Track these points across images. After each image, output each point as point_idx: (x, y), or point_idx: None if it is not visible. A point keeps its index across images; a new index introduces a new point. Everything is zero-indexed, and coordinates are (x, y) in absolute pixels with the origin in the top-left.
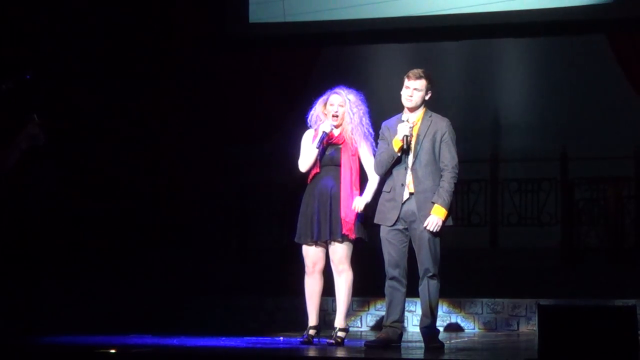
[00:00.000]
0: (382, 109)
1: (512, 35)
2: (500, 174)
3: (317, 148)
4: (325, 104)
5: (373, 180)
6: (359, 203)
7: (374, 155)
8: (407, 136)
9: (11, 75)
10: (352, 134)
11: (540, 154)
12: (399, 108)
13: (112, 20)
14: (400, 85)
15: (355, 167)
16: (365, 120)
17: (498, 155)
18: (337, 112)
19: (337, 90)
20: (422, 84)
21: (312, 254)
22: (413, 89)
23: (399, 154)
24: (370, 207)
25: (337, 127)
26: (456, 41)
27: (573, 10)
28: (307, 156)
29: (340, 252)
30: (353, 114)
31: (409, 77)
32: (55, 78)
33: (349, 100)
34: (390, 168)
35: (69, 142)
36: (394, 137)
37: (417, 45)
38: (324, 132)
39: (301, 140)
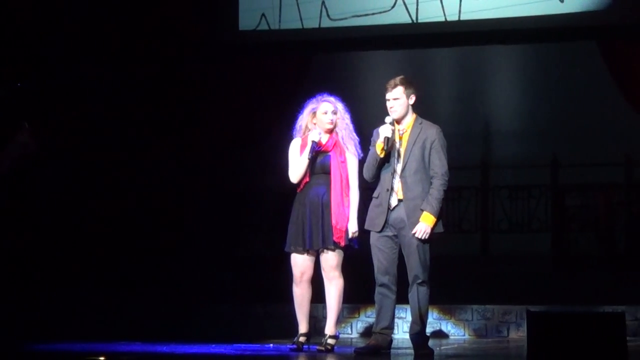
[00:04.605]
0: (372, 116)
1: (503, 42)
2: (491, 180)
3: (309, 158)
4: (314, 113)
5: (354, 194)
6: (353, 228)
7: (360, 161)
8: (388, 138)
9: (2, 83)
10: (342, 139)
11: (531, 160)
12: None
13: (103, 28)
14: None
15: (345, 173)
16: (352, 127)
17: (489, 162)
18: (332, 120)
19: (325, 98)
20: (399, 91)
21: (300, 263)
22: (393, 99)
23: (382, 157)
24: (361, 213)
25: (327, 131)
26: (447, 48)
27: (564, 17)
28: (297, 167)
29: (332, 260)
30: (343, 120)
31: (386, 90)
32: (47, 85)
33: (339, 107)
34: (378, 173)
35: (62, 149)
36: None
37: (408, 52)
38: (313, 141)
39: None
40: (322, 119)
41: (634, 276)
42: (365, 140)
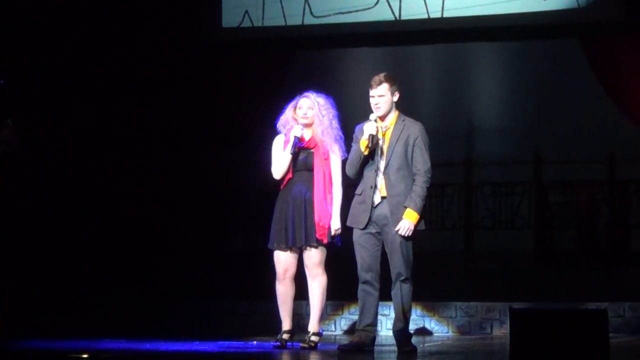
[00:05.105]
0: (356, 113)
1: (486, 39)
2: (474, 177)
3: (291, 154)
4: (294, 109)
5: (337, 191)
6: (335, 225)
7: (343, 159)
8: (373, 135)
9: None
10: (322, 136)
11: (514, 157)
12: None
13: (86, 28)
14: None
15: (328, 170)
16: (335, 124)
17: (472, 159)
18: (306, 114)
19: (305, 94)
20: (384, 88)
21: (283, 260)
22: (378, 96)
23: (366, 154)
24: (344, 210)
25: (307, 126)
26: (430, 45)
27: (546, 14)
28: (280, 163)
29: (315, 257)
30: (322, 117)
31: (371, 86)
32: (33, 82)
33: (318, 103)
34: (361, 170)
35: (47, 147)
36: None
37: (391, 50)
38: (295, 137)
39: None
40: (297, 113)
41: (617, 273)
42: (347, 136)
